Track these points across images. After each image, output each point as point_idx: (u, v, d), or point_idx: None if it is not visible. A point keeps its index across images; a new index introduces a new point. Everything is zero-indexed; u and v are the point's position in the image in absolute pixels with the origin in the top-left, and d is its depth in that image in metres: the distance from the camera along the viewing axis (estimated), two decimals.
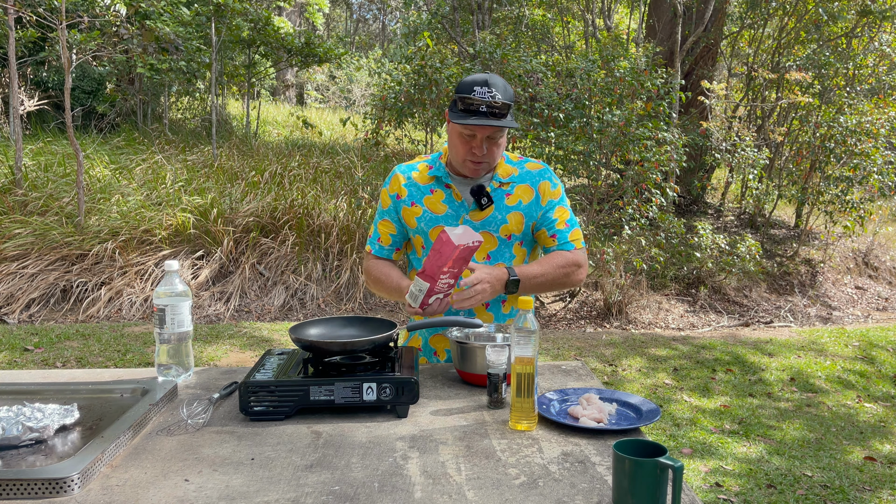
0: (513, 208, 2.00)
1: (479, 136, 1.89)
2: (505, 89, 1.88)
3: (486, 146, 1.91)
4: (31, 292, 5.90)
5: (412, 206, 2.05)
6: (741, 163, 7.29)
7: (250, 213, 6.78)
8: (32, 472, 1.21)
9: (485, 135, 1.89)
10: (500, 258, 2.02)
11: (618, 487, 1.15)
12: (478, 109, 1.84)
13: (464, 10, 10.06)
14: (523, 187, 2.02)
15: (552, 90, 6.43)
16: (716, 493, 3.24)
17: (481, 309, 2.03)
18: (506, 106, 1.86)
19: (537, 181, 2.03)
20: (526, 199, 2.01)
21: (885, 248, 8.92)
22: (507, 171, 2.03)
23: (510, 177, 2.02)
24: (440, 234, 1.69)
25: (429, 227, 2.03)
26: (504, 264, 1.98)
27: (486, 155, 1.92)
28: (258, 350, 5.13)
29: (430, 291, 1.74)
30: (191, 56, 8.90)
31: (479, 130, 1.88)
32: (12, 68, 6.67)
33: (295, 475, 1.27)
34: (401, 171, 2.10)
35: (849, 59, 8.22)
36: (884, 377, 5.14)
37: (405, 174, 2.09)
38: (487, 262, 2.01)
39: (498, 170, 2.02)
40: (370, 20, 26.64)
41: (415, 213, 2.04)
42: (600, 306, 6.66)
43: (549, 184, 2.03)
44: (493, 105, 1.84)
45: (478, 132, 1.88)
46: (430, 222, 2.02)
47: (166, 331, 1.73)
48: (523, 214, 2.01)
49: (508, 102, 1.87)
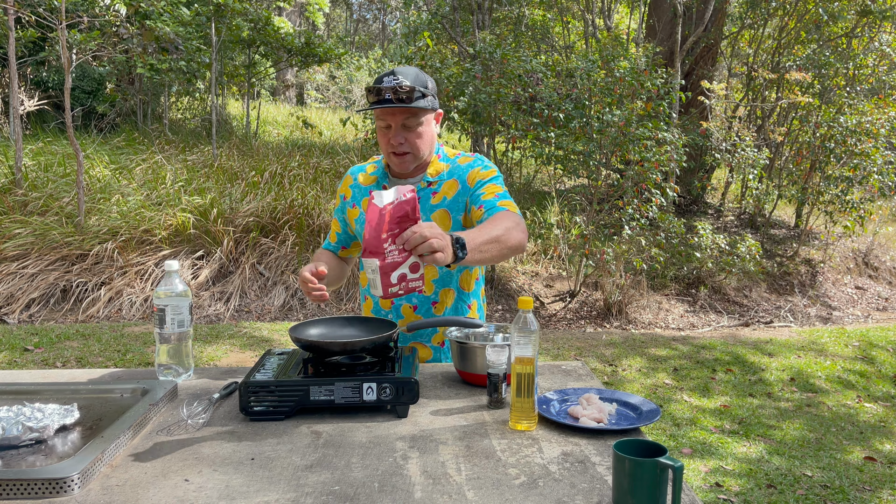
0: (436, 207, 1.95)
1: (393, 125, 1.86)
2: (416, 76, 1.85)
3: (404, 135, 1.87)
4: (31, 292, 5.90)
5: (353, 207, 2.05)
6: (741, 163, 7.29)
7: (250, 213, 6.78)
8: (32, 472, 1.21)
9: (398, 122, 1.86)
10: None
11: (618, 487, 1.14)
12: (384, 96, 1.81)
13: (464, 10, 10.05)
14: (450, 183, 1.97)
15: (552, 90, 6.43)
16: (716, 493, 3.24)
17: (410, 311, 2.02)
18: (415, 90, 1.82)
19: (465, 172, 1.97)
20: (451, 193, 1.96)
21: (885, 248, 8.92)
22: (438, 169, 1.99)
23: (439, 175, 1.98)
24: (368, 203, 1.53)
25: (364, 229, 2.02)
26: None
27: (404, 145, 1.88)
28: (258, 350, 5.13)
29: (385, 269, 1.52)
30: (191, 56, 8.90)
31: (390, 117, 1.86)
32: (12, 68, 6.67)
33: (295, 475, 1.27)
34: (351, 172, 2.11)
35: (849, 59, 8.22)
36: (884, 377, 5.14)
37: (354, 175, 2.09)
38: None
39: (430, 168, 1.98)
40: (370, 20, 26.65)
41: (354, 215, 2.05)
42: (600, 306, 6.66)
43: (478, 169, 1.97)
44: (400, 90, 1.80)
45: (389, 119, 1.86)
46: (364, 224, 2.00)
47: (166, 331, 1.72)
48: (448, 210, 1.95)
49: (420, 88, 1.83)
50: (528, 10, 10.79)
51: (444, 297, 2.03)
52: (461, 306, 2.07)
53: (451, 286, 2.04)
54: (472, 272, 2.07)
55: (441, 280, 2.01)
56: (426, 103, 1.85)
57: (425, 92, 1.86)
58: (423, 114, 1.88)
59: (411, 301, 2.01)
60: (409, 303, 2.01)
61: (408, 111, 1.84)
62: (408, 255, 1.53)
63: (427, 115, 1.90)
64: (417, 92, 1.83)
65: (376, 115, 1.89)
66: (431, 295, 2.02)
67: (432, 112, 1.92)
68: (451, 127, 7.19)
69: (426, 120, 1.90)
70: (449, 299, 2.04)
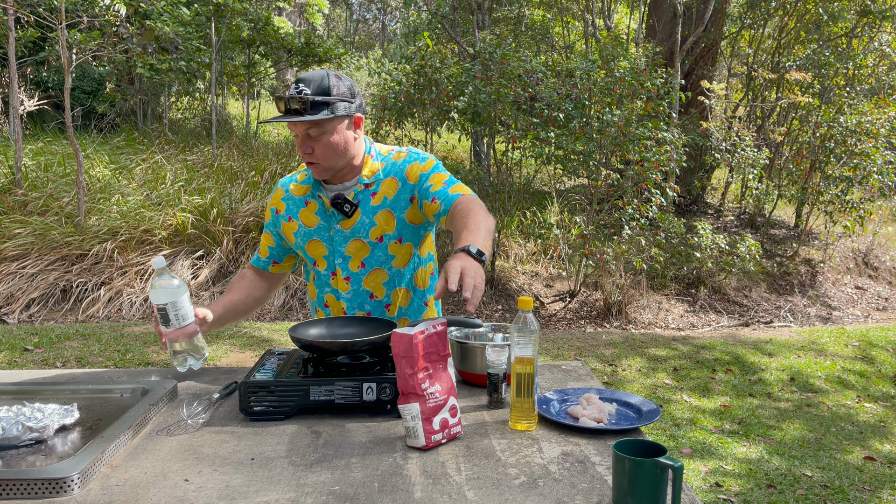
0: (378, 207, 1.89)
1: (299, 135, 1.79)
2: (319, 84, 1.75)
3: (310, 145, 1.79)
4: (31, 292, 5.90)
5: (289, 220, 1.97)
6: (741, 163, 7.29)
7: (250, 212, 6.78)
8: (32, 472, 1.21)
9: (301, 132, 1.78)
10: (375, 263, 1.92)
11: (618, 487, 1.15)
12: (285, 108, 1.76)
13: (464, 10, 10.06)
14: (388, 181, 1.90)
15: (552, 90, 6.43)
16: (716, 493, 3.24)
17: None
18: (311, 102, 1.73)
19: (402, 168, 1.90)
20: (392, 192, 1.89)
21: (885, 248, 8.92)
22: (373, 169, 1.91)
23: (375, 175, 1.90)
24: (392, 337, 1.39)
25: (304, 241, 1.95)
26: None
27: (312, 154, 1.80)
28: (258, 350, 5.13)
29: (427, 414, 1.37)
30: (191, 56, 8.89)
31: (294, 128, 1.80)
32: (12, 68, 6.67)
33: (295, 475, 1.27)
34: (281, 185, 2.02)
35: (849, 59, 8.22)
36: (883, 377, 5.14)
37: (284, 187, 2.01)
38: (363, 269, 1.92)
39: (364, 169, 1.90)
40: (370, 20, 26.65)
41: (291, 229, 1.97)
42: (600, 306, 6.66)
43: (416, 164, 1.90)
44: (296, 99, 1.72)
45: (294, 130, 1.81)
46: (304, 237, 1.94)
47: (172, 329, 1.68)
48: (391, 210, 1.89)
49: (319, 97, 1.74)
50: (528, 10, 10.79)
51: (396, 298, 1.96)
52: (418, 305, 2.00)
53: (404, 285, 1.96)
54: (426, 268, 2.00)
55: (391, 282, 1.95)
56: (328, 112, 1.75)
57: (328, 100, 1.75)
58: (325, 123, 1.77)
59: (364, 308, 1.95)
60: (362, 310, 1.95)
61: (306, 122, 1.75)
62: (448, 395, 1.42)
63: (333, 124, 1.78)
64: (318, 101, 1.74)
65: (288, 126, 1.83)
66: (383, 298, 1.96)
67: (343, 119, 1.80)
68: (451, 127, 7.19)
69: (332, 128, 1.79)
70: (404, 300, 1.97)
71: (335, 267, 1.94)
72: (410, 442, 1.38)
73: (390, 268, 1.93)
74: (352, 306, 1.96)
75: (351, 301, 1.95)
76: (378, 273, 1.93)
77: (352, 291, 1.94)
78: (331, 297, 1.98)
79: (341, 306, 1.97)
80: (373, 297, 1.95)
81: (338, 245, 1.92)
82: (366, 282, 1.94)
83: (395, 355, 1.38)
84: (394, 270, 1.94)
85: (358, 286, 1.94)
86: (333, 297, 1.98)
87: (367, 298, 1.95)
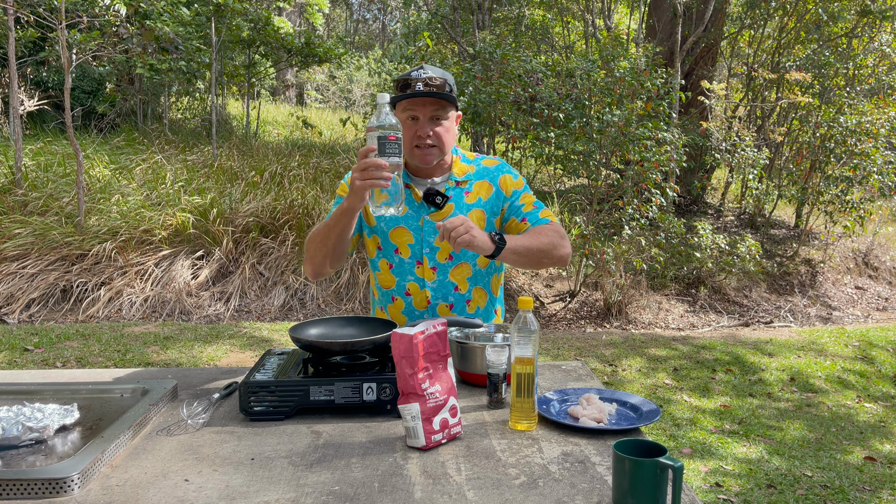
0: (472, 206, 1.98)
1: (423, 118, 1.88)
2: (443, 73, 1.90)
3: (431, 128, 1.89)
4: (31, 292, 5.90)
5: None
6: (741, 163, 7.29)
7: (250, 213, 6.78)
8: (32, 472, 1.21)
9: (426, 114, 1.88)
10: (463, 257, 2.00)
11: (618, 487, 1.15)
12: (415, 87, 1.85)
13: (464, 10, 10.05)
14: (481, 183, 2.00)
15: (552, 90, 6.43)
16: (716, 493, 3.24)
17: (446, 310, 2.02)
18: (444, 84, 1.88)
19: (496, 176, 2.01)
20: (486, 195, 2.00)
21: (885, 248, 8.92)
22: (464, 170, 2.01)
23: (466, 175, 2.01)
24: (392, 337, 1.40)
25: (389, 227, 2.01)
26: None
27: (431, 137, 1.89)
28: (258, 350, 5.13)
29: (427, 414, 1.38)
30: (191, 56, 8.89)
31: (420, 108, 1.88)
32: (12, 68, 6.67)
33: (295, 475, 1.27)
34: None
35: (849, 59, 8.22)
36: (883, 377, 5.14)
37: None
38: (449, 262, 1.99)
39: (454, 168, 2.00)
40: (370, 20, 26.64)
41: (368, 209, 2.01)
42: (600, 306, 6.66)
43: (509, 176, 2.02)
44: (431, 82, 1.85)
45: (419, 112, 1.88)
46: (389, 222, 2.00)
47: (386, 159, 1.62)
48: (484, 210, 1.98)
49: (448, 84, 1.89)
50: (528, 10, 10.79)
51: (476, 295, 2.05)
52: (490, 309, 2.09)
53: (483, 286, 2.06)
54: (499, 276, 2.10)
55: (474, 278, 2.04)
56: (453, 99, 1.90)
57: (452, 88, 1.92)
58: (450, 108, 1.91)
59: (447, 300, 2.02)
60: (446, 301, 2.02)
61: (437, 103, 1.88)
62: (448, 395, 1.42)
63: (453, 112, 1.93)
64: (447, 86, 1.89)
65: (403, 106, 1.90)
66: (465, 293, 2.03)
67: (456, 110, 1.95)
68: None
69: (451, 116, 1.93)
70: (481, 299, 2.06)
71: (422, 256, 2.00)
72: (410, 442, 1.38)
73: (474, 265, 2.02)
74: (436, 296, 2.02)
75: (436, 291, 2.01)
76: (464, 267, 2.01)
77: (437, 282, 2.01)
78: (414, 285, 2.03)
79: (426, 295, 2.02)
80: (457, 289, 2.02)
81: (427, 235, 1.99)
82: (452, 274, 2.01)
83: (396, 355, 1.38)
84: (477, 268, 2.03)
85: (444, 277, 2.01)
86: (417, 286, 2.02)
87: (452, 290, 2.02)
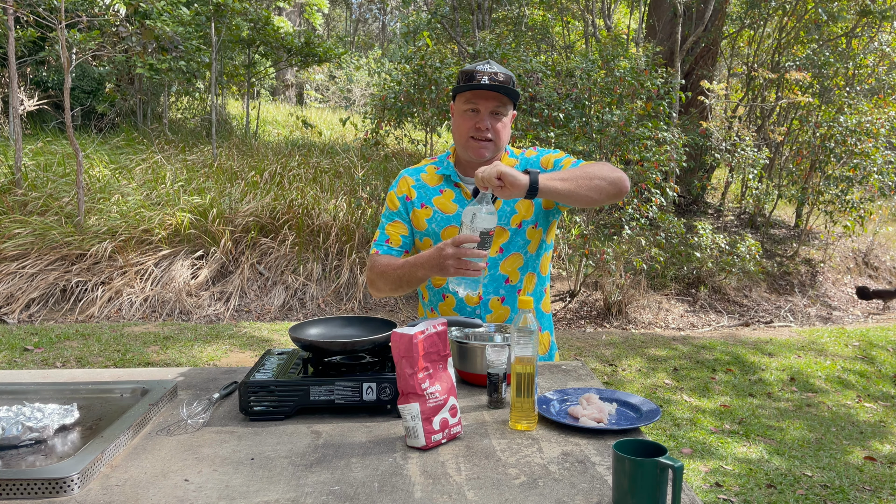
0: (518, 198, 1.99)
1: (483, 111, 1.90)
2: (506, 71, 1.93)
3: (490, 123, 1.91)
4: (30, 292, 5.90)
5: (422, 207, 2.04)
6: (741, 163, 7.30)
7: (250, 212, 6.78)
8: (32, 472, 1.21)
9: (488, 109, 1.90)
10: (514, 248, 2.01)
11: (618, 487, 1.14)
12: (480, 81, 1.87)
13: (464, 9, 10.06)
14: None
15: (552, 90, 6.42)
16: (716, 493, 3.24)
17: (498, 303, 2.03)
18: (509, 80, 1.90)
19: (537, 161, 2.04)
20: None
21: (885, 248, 8.92)
22: (510, 164, 2.03)
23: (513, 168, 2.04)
24: (392, 337, 1.39)
25: (440, 227, 2.02)
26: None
27: (489, 131, 1.91)
28: (258, 350, 5.13)
29: (427, 414, 1.37)
30: (190, 56, 8.90)
31: (482, 101, 1.89)
32: (12, 68, 6.67)
33: (295, 475, 1.27)
34: (409, 174, 2.10)
35: (849, 59, 8.22)
36: (883, 377, 5.14)
37: (413, 176, 2.09)
38: (500, 255, 2.01)
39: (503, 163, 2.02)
40: (370, 20, 26.64)
41: (425, 215, 2.03)
42: (600, 306, 6.66)
43: (548, 155, 2.04)
44: (495, 77, 1.88)
45: (481, 105, 1.90)
46: (441, 222, 2.01)
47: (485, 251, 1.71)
48: (532, 200, 2.00)
49: (511, 80, 1.91)
50: (528, 10, 10.79)
51: (527, 283, 2.05)
52: (539, 290, 2.09)
53: (533, 270, 2.06)
54: (548, 254, 2.11)
55: (525, 266, 2.04)
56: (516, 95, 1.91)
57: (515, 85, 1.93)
58: (510, 105, 1.94)
59: (498, 293, 2.02)
60: (497, 295, 2.02)
61: (500, 98, 1.89)
62: (448, 395, 1.42)
63: (511, 109, 1.96)
64: (511, 82, 1.91)
65: (465, 97, 1.92)
66: (517, 283, 2.04)
67: (514, 109, 1.98)
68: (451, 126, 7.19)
69: (510, 113, 1.96)
70: (531, 284, 2.07)
71: None
72: (410, 442, 1.38)
73: (526, 252, 2.02)
74: (487, 290, 2.02)
75: (487, 286, 2.02)
76: (515, 258, 2.02)
77: (489, 277, 2.01)
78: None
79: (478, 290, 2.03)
80: (508, 281, 2.03)
81: None
82: (503, 266, 2.01)
83: (395, 355, 1.38)
84: (528, 255, 2.04)
85: (495, 271, 2.01)
86: None
87: (503, 283, 2.03)
